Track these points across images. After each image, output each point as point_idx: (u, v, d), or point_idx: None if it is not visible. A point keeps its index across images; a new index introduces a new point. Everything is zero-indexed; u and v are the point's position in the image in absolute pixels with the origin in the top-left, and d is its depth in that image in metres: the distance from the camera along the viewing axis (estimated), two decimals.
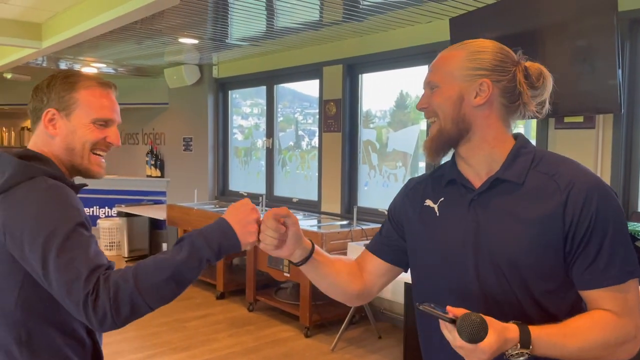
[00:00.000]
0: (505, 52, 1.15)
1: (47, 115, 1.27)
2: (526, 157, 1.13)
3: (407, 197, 1.30)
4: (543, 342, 0.99)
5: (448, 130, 1.13)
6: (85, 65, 6.24)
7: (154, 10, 3.35)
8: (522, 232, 1.07)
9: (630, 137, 3.12)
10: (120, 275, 1.09)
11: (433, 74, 1.17)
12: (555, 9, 3.03)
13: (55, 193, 1.16)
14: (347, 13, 3.84)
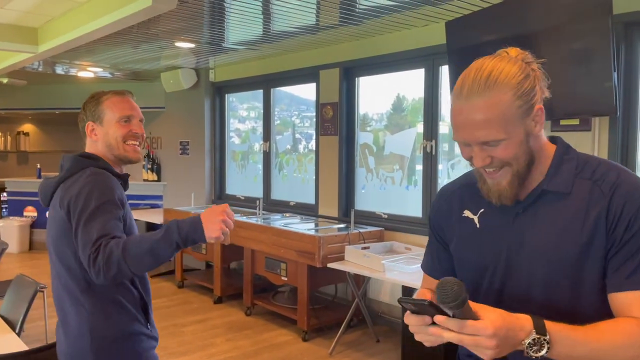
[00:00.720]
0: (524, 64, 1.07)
1: (88, 127, 1.72)
2: (570, 164, 1.08)
3: (444, 207, 1.24)
4: (563, 336, 0.93)
5: (522, 172, 1.06)
6: (81, 70, 6.24)
7: (151, 15, 3.34)
8: (571, 242, 1.03)
9: (626, 139, 3.13)
10: (114, 243, 1.40)
11: (488, 132, 1.01)
12: (551, 12, 3.04)
13: (97, 178, 1.56)
14: (344, 17, 3.85)
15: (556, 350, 0.93)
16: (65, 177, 1.61)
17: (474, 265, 1.15)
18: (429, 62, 4.20)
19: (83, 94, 6.73)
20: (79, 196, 1.51)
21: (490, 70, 1.03)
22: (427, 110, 4.28)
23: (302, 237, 4.17)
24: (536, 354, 0.91)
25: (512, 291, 1.09)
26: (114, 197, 1.53)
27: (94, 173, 1.58)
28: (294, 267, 4.27)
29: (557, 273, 1.04)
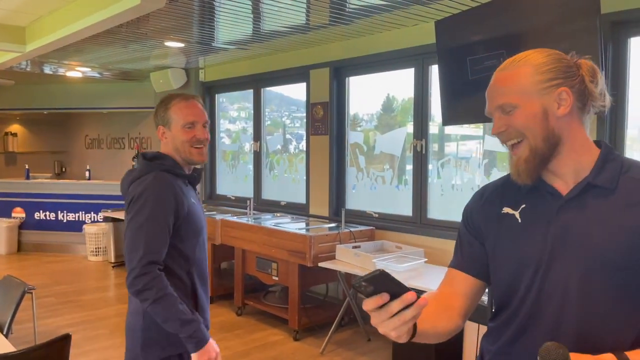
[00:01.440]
0: (564, 56, 1.13)
1: (159, 131, 1.87)
2: (615, 163, 1.10)
3: (484, 204, 1.24)
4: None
5: (541, 148, 1.08)
6: (70, 70, 6.19)
7: (139, 14, 3.33)
8: (617, 236, 1.04)
9: (613, 137, 3.16)
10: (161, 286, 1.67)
11: (504, 96, 1.10)
12: (540, 11, 3.06)
13: (158, 183, 1.75)
14: (334, 16, 3.86)
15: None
16: (137, 178, 1.80)
17: (517, 260, 1.13)
18: (419, 62, 4.21)
19: (71, 94, 6.72)
20: (137, 200, 1.73)
21: (520, 54, 1.14)
22: (417, 110, 4.30)
23: (293, 236, 4.16)
24: None
25: (554, 288, 1.08)
26: (166, 206, 1.73)
27: (156, 178, 1.76)
28: (285, 266, 4.27)
29: (602, 267, 1.04)
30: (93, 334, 4.31)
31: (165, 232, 1.72)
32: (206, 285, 1.90)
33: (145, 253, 1.68)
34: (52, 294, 5.39)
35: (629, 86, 3.11)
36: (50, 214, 7.35)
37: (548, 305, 1.08)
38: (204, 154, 1.86)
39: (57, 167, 8.47)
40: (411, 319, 0.94)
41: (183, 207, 1.77)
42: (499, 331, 1.17)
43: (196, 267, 1.84)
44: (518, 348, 1.12)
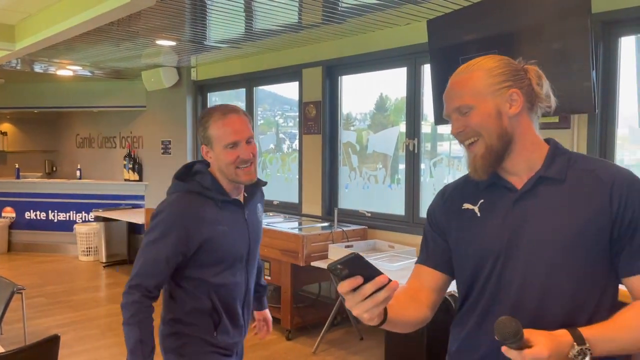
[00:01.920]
0: (513, 61, 1.22)
1: (203, 150, 1.75)
2: (563, 157, 1.21)
3: (446, 202, 1.32)
4: (598, 339, 1.03)
5: (495, 146, 1.17)
6: (60, 68, 6.14)
7: (130, 11, 3.30)
8: (570, 223, 1.12)
9: (604, 136, 3.18)
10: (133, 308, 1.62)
11: (460, 99, 1.19)
12: (531, 11, 3.07)
13: (173, 210, 1.67)
14: (326, 15, 3.85)
15: (597, 352, 1.03)
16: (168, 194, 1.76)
17: (478, 253, 1.21)
18: (411, 61, 4.22)
19: (62, 92, 6.66)
20: (153, 219, 1.68)
21: (473, 60, 1.23)
22: (410, 109, 4.30)
23: (285, 236, 4.15)
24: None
25: (512, 275, 1.16)
26: (173, 237, 1.63)
27: (176, 201, 1.69)
28: (278, 266, 4.26)
29: (556, 253, 1.13)
30: (84, 334, 4.28)
31: (162, 262, 1.64)
32: (232, 310, 1.78)
33: (136, 275, 1.64)
34: (43, 294, 5.35)
35: (620, 85, 3.13)
36: (41, 213, 7.30)
37: (508, 291, 1.16)
38: (251, 172, 1.71)
39: (47, 167, 8.41)
40: (383, 301, 0.99)
41: (199, 237, 1.65)
42: (464, 319, 1.26)
43: (218, 292, 1.73)
44: (482, 333, 1.19)
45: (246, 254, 1.79)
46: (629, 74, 3.14)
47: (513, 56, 3.35)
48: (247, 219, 1.79)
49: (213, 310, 1.74)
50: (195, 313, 1.73)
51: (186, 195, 1.70)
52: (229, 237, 1.71)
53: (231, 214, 1.74)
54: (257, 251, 1.89)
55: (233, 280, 1.76)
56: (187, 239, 1.64)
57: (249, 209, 1.81)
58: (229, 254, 1.73)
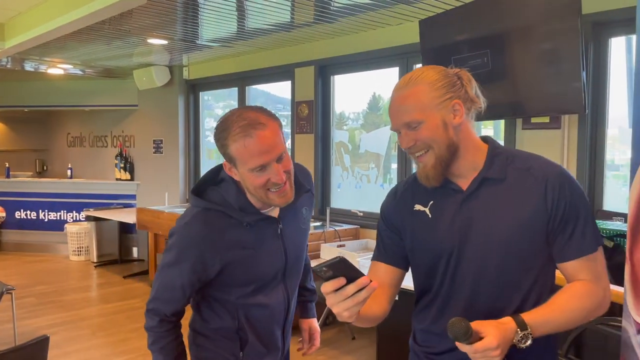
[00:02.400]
0: (449, 71, 1.28)
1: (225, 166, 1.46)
2: (501, 156, 1.28)
3: (398, 201, 1.39)
4: (538, 322, 1.13)
5: (444, 156, 1.24)
6: (51, 66, 6.10)
7: (121, 10, 3.29)
8: (512, 219, 1.22)
9: (594, 136, 3.20)
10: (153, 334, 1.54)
11: (409, 114, 1.24)
12: (522, 12, 3.09)
13: (189, 230, 1.47)
14: (318, 14, 3.85)
15: (537, 334, 1.13)
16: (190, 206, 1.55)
17: (431, 252, 1.30)
18: (403, 61, 4.22)
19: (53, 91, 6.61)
20: (169, 237, 1.51)
21: (413, 73, 1.28)
22: None
23: None
24: (525, 345, 1.11)
25: (465, 271, 1.25)
26: (190, 260, 1.44)
27: (192, 221, 1.47)
28: None
29: (502, 249, 1.22)
30: (74, 334, 4.25)
31: (178, 291, 1.49)
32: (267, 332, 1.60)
33: (153, 298, 1.53)
34: (33, 294, 5.31)
35: (610, 86, 3.15)
36: (31, 213, 7.24)
37: (462, 288, 1.26)
38: (287, 193, 1.43)
39: (38, 166, 8.34)
40: (363, 301, 1.06)
41: (218, 262, 1.45)
42: (422, 313, 1.36)
43: (248, 313, 1.55)
44: (440, 326, 1.26)
45: (282, 271, 1.56)
46: (618, 74, 3.16)
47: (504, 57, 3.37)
48: (282, 233, 1.54)
49: (240, 330, 1.56)
50: (220, 331, 1.57)
51: (203, 214, 1.46)
52: (258, 258, 1.50)
53: (261, 230, 1.50)
54: (299, 264, 1.67)
55: (267, 301, 1.55)
56: (204, 265, 1.45)
57: (286, 220, 1.56)
58: (259, 275, 1.52)
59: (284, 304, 1.61)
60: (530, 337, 1.11)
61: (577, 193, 1.24)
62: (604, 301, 1.22)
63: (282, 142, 1.40)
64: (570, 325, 1.21)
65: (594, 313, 1.22)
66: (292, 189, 1.44)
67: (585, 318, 1.21)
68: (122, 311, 4.84)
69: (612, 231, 2.62)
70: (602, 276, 1.24)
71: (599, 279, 1.23)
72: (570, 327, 1.21)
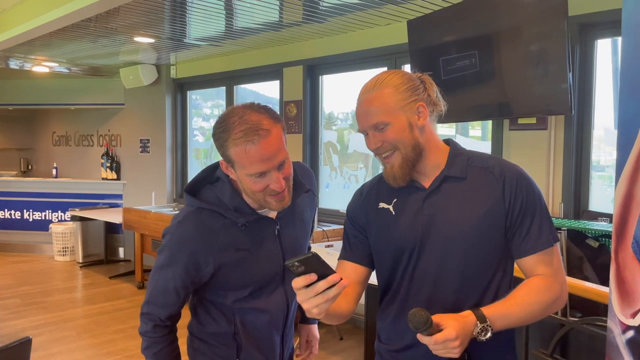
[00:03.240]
0: (413, 75, 1.34)
1: (222, 164, 1.42)
2: (462, 157, 1.34)
3: (364, 201, 1.42)
4: (497, 315, 1.18)
5: (410, 156, 1.29)
6: (36, 64, 6.02)
7: (107, 7, 3.26)
8: (472, 215, 1.27)
9: (580, 137, 3.22)
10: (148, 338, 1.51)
11: (376, 116, 1.28)
12: (510, 14, 3.10)
13: (180, 230, 1.44)
14: (307, 14, 3.84)
15: (496, 327, 1.17)
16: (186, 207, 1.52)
17: (394, 249, 1.33)
18: (391, 61, 4.23)
19: (38, 89, 6.52)
20: (162, 239, 1.48)
21: (379, 76, 1.33)
22: None
23: None
24: (485, 337, 1.15)
25: (426, 266, 1.29)
26: (183, 262, 1.41)
27: (184, 220, 1.44)
28: None
29: (462, 243, 1.26)
30: (59, 335, 4.20)
31: (172, 294, 1.46)
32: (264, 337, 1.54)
33: (147, 302, 1.49)
34: (17, 295, 5.24)
35: (595, 87, 3.18)
36: (16, 212, 7.15)
37: (424, 283, 1.29)
38: (284, 199, 1.39)
39: (23, 165, 8.24)
40: (333, 298, 1.07)
41: (211, 264, 1.42)
42: (385, 311, 1.39)
43: (244, 318, 1.51)
44: (402, 322, 1.28)
45: (281, 275, 1.52)
46: (604, 76, 3.19)
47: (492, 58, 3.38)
48: (280, 234, 1.50)
49: (236, 334, 1.52)
50: (216, 335, 1.53)
51: (197, 214, 1.43)
52: (253, 260, 1.45)
53: (257, 231, 1.46)
54: None
55: (265, 306, 1.51)
56: (197, 267, 1.42)
57: (285, 221, 1.52)
58: (255, 278, 1.47)
59: (284, 309, 1.55)
60: (490, 330, 1.15)
61: (533, 191, 1.28)
62: (562, 295, 1.27)
63: (284, 148, 1.36)
64: (529, 319, 1.24)
65: (552, 307, 1.25)
66: (290, 194, 1.41)
67: (543, 312, 1.25)
68: (107, 312, 4.79)
69: (598, 231, 2.64)
70: (559, 271, 1.28)
71: (556, 274, 1.27)
72: (529, 321, 1.25)
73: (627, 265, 1.21)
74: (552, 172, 3.26)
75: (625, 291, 1.21)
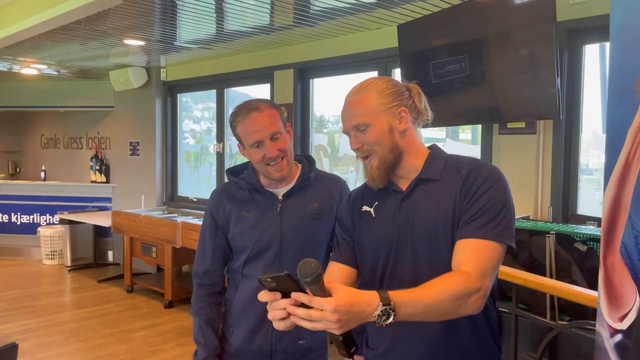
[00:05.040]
0: (398, 82, 1.39)
1: (240, 148, 1.76)
2: (439, 160, 1.37)
3: (350, 206, 1.48)
4: (403, 300, 1.07)
5: (389, 159, 1.33)
6: (25, 66, 5.97)
7: (96, 10, 3.24)
8: (436, 215, 1.29)
9: (569, 141, 3.25)
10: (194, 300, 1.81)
11: (359, 117, 1.33)
12: (499, 19, 3.12)
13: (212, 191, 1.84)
14: (298, 18, 3.84)
15: (402, 314, 1.07)
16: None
17: (373, 247, 1.37)
18: (382, 65, 4.24)
19: (27, 91, 6.47)
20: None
21: (365, 81, 1.39)
22: None
23: None
24: (386, 322, 1.04)
25: (402, 267, 1.32)
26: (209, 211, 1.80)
27: (214, 192, 1.84)
28: None
29: (431, 243, 1.29)
30: (47, 340, 4.15)
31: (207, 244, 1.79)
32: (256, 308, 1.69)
33: (194, 262, 1.83)
34: (4, 300, 5.17)
35: (584, 92, 3.21)
36: (4, 215, 7.07)
37: (402, 283, 1.27)
38: (282, 168, 1.68)
39: (11, 168, 8.15)
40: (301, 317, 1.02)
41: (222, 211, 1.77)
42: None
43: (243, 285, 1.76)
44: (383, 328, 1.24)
45: (277, 248, 1.72)
46: (592, 81, 3.22)
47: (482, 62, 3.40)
48: (281, 211, 1.73)
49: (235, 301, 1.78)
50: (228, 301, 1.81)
51: (224, 184, 1.85)
52: (254, 224, 1.73)
53: (262, 203, 1.75)
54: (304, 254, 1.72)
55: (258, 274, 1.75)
56: (217, 213, 1.77)
57: (289, 203, 1.74)
58: (252, 242, 1.73)
59: None
60: (393, 315, 1.04)
61: (493, 185, 1.26)
62: (476, 298, 1.16)
63: (278, 125, 1.66)
64: (438, 311, 1.14)
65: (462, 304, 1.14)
66: (288, 167, 1.70)
67: (454, 308, 1.14)
68: (96, 316, 4.75)
69: (586, 235, 2.65)
70: (486, 274, 1.19)
71: (482, 276, 1.17)
72: (438, 314, 1.15)
73: (615, 270, 1.21)
74: (540, 176, 3.28)
75: (614, 295, 1.22)
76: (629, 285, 1.15)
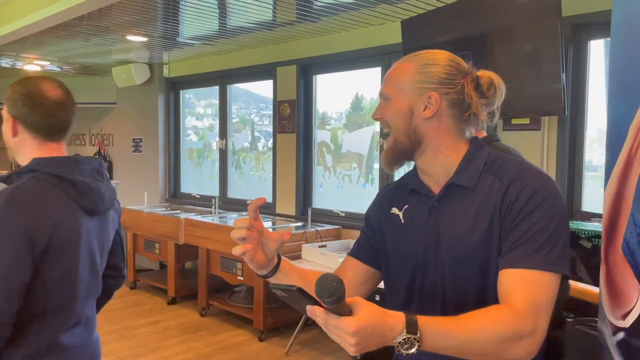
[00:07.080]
0: (456, 63, 1.18)
1: None
2: (479, 161, 1.16)
3: (379, 204, 1.33)
4: (433, 330, 0.93)
5: (401, 142, 1.17)
6: (28, 63, 5.98)
7: (99, 5, 3.23)
8: (473, 232, 1.10)
9: (573, 138, 3.23)
10: None
11: (386, 86, 1.20)
12: (504, 14, 3.10)
13: None
14: (301, 13, 3.83)
15: (428, 345, 0.93)
16: None
17: (399, 257, 1.23)
18: (385, 61, 4.22)
19: None
20: None
21: (422, 51, 1.20)
22: None
23: None
24: (407, 352, 0.91)
25: (432, 285, 1.17)
26: None
27: None
28: (249, 266, 4.21)
29: (464, 263, 1.12)
30: None
31: None
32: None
33: None
34: None
35: (589, 88, 3.18)
36: None
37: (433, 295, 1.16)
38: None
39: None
40: None
41: None
42: None
43: None
44: None
45: None
46: (597, 77, 3.19)
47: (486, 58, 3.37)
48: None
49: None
50: None
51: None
52: None
53: None
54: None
55: None
56: None
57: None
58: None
59: None
60: (417, 345, 0.90)
61: (542, 202, 1.06)
62: (529, 343, 0.98)
63: None
64: (476, 351, 0.96)
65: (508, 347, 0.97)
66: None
67: (496, 351, 0.96)
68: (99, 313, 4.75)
69: (591, 232, 2.64)
70: (540, 310, 1.00)
71: (534, 312, 0.99)
72: (475, 353, 0.97)
73: (617, 267, 1.20)
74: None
75: (616, 293, 1.20)
76: (631, 283, 1.13)
